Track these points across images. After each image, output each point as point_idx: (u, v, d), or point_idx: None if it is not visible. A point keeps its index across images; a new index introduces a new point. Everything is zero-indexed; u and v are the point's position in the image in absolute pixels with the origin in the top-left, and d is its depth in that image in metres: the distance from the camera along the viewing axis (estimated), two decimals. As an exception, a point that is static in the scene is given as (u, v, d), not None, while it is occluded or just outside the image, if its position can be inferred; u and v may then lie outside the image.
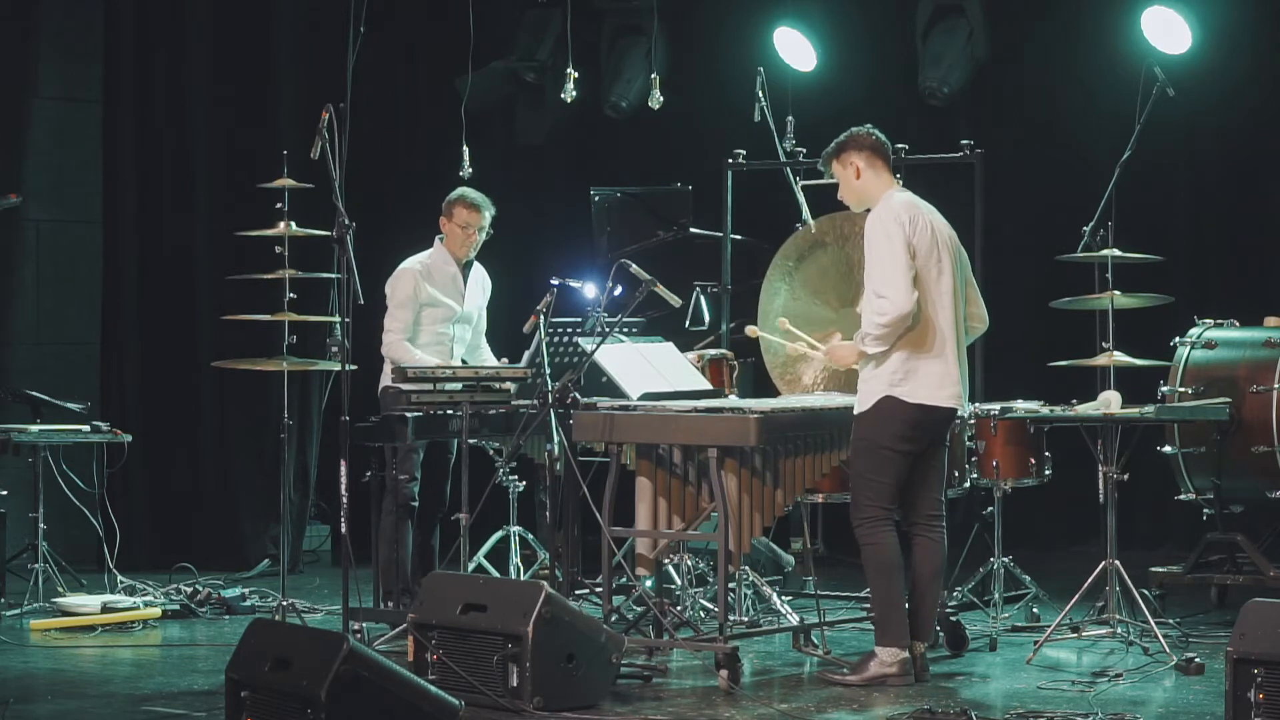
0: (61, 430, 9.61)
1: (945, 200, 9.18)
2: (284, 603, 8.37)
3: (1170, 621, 8.33)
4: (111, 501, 9.86)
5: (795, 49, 10.88)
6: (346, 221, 7.79)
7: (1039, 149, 11.04)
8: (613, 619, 7.63)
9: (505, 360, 9.09)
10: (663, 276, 8.18)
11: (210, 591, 9.47)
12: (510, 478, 9.47)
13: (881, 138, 7.63)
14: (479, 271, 9.01)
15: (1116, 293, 8.36)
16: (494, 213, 8.92)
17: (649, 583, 8.11)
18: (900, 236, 7.33)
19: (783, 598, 8.57)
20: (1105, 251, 8.39)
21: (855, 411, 7.44)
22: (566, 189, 11.75)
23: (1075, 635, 8.11)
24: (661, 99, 9.85)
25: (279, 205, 8.47)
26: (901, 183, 7.86)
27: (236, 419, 11.33)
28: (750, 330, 8.24)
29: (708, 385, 8.44)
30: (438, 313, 8.81)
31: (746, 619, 8.34)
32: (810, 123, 9.54)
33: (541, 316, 8.35)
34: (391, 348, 8.68)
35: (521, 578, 9.40)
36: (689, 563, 8.64)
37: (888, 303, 7.28)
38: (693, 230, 10.60)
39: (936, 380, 7.36)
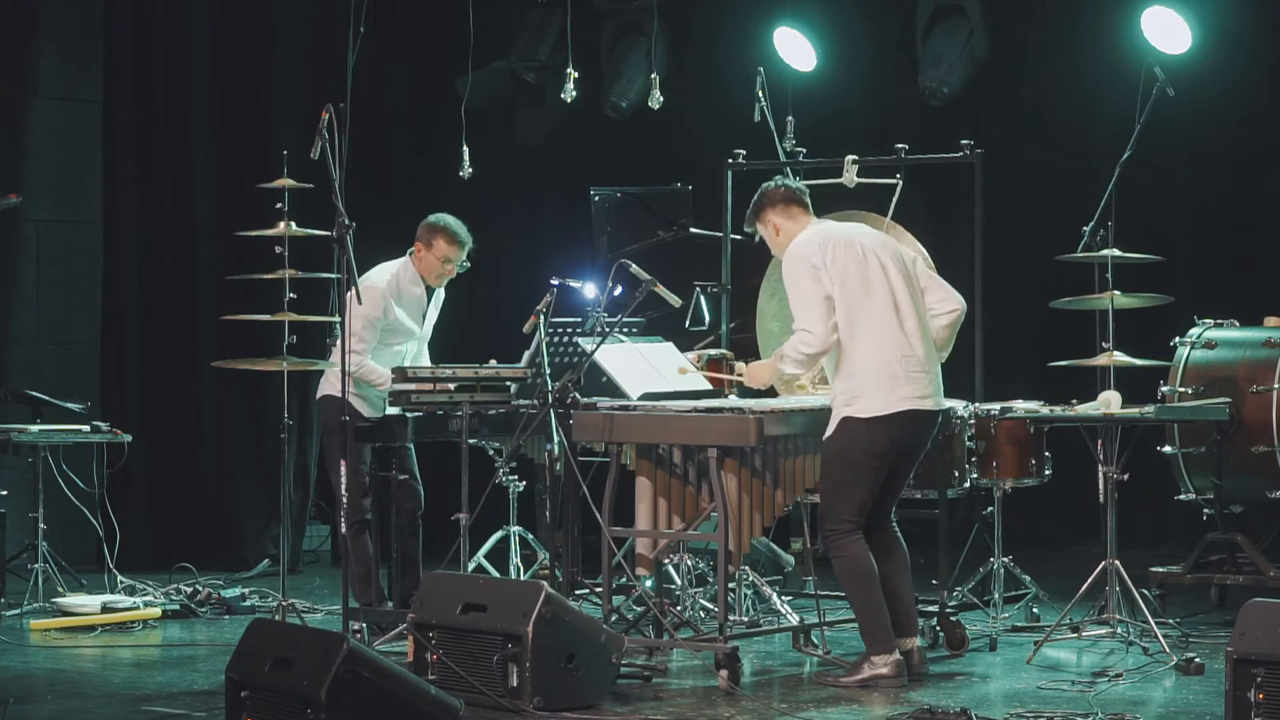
0: (61, 430, 9.61)
1: (945, 200, 9.25)
2: (284, 603, 8.37)
3: (1170, 621, 8.33)
4: (111, 501, 9.86)
5: (795, 49, 10.88)
6: (346, 221, 7.79)
7: (1039, 149, 11.04)
8: (613, 619, 7.63)
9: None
10: (663, 276, 8.18)
11: (210, 591, 9.47)
12: (510, 478, 9.46)
13: (792, 185, 7.73)
14: (438, 290, 8.93)
15: (1116, 293, 8.36)
16: (473, 246, 8.85)
17: (649, 583, 8.11)
18: (808, 273, 7.39)
19: (783, 598, 8.57)
20: (1105, 251, 8.38)
21: (824, 436, 7.47)
22: (566, 189, 11.75)
23: (1075, 635, 8.11)
24: (661, 99, 9.85)
25: (279, 205, 8.46)
26: (901, 186, 7.87)
27: (236, 419, 11.32)
28: (681, 369, 8.20)
29: (708, 385, 8.43)
30: (398, 336, 8.70)
31: (746, 619, 8.34)
32: (810, 123, 9.55)
33: (541, 316, 8.35)
34: (359, 369, 8.42)
35: (521, 578, 9.40)
36: (689, 563, 8.64)
37: (811, 336, 7.38)
38: (693, 230, 10.60)
39: (886, 389, 7.36)
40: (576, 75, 9.81)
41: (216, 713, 6.73)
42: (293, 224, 8.47)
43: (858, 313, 7.37)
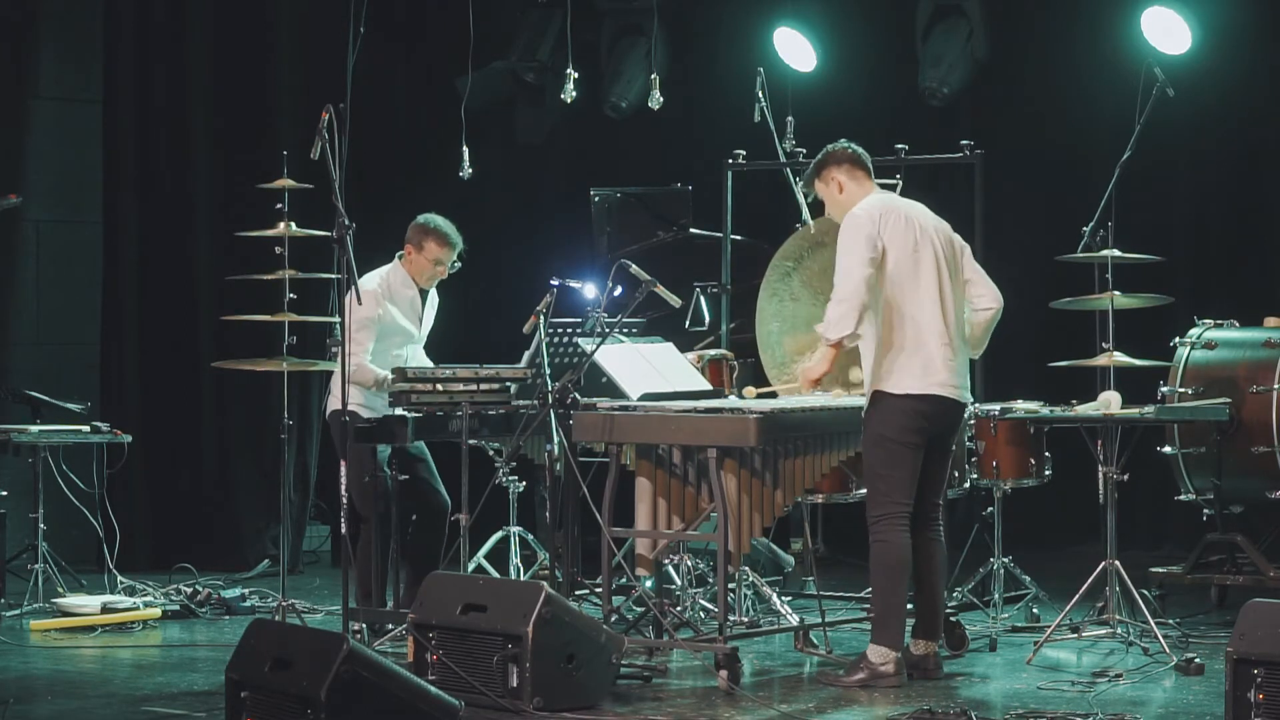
0: (61, 430, 9.61)
1: (945, 200, 9.20)
2: (284, 603, 8.37)
3: (1170, 621, 8.33)
4: (111, 501, 9.85)
5: (795, 49, 10.88)
6: (346, 222, 7.79)
7: (1039, 149, 11.04)
8: (613, 619, 7.63)
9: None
10: (663, 276, 8.18)
11: (210, 592, 9.46)
12: (510, 478, 9.46)
13: (858, 150, 7.66)
14: (431, 293, 8.87)
15: (1116, 293, 8.36)
16: (464, 248, 8.80)
17: (649, 583, 8.11)
18: (862, 237, 7.35)
19: (783, 598, 8.57)
20: (1105, 251, 8.38)
21: (863, 414, 7.49)
22: (566, 189, 11.75)
23: (1075, 635, 8.11)
24: (661, 99, 9.85)
25: (279, 205, 8.46)
26: (901, 186, 7.87)
27: (236, 419, 11.33)
28: (749, 391, 8.16)
29: (708, 385, 8.44)
30: (397, 339, 8.65)
31: (746, 619, 8.34)
32: (810, 123, 9.54)
33: (541, 317, 8.35)
34: (359, 371, 8.28)
35: (521, 578, 9.40)
36: (689, 563, 8.64)
37: (840, 279, 7.33)
38: (693, 230, 10.60)
39: (919, 370, 7.38)
40: (576, 75, 9.81)
41: (216, 713, 6.73)
42: (293, 224, 8.46)
43: (905, 293, 7.38)
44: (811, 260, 8.40)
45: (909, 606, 7.70)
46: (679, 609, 8.22)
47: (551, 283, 8.56)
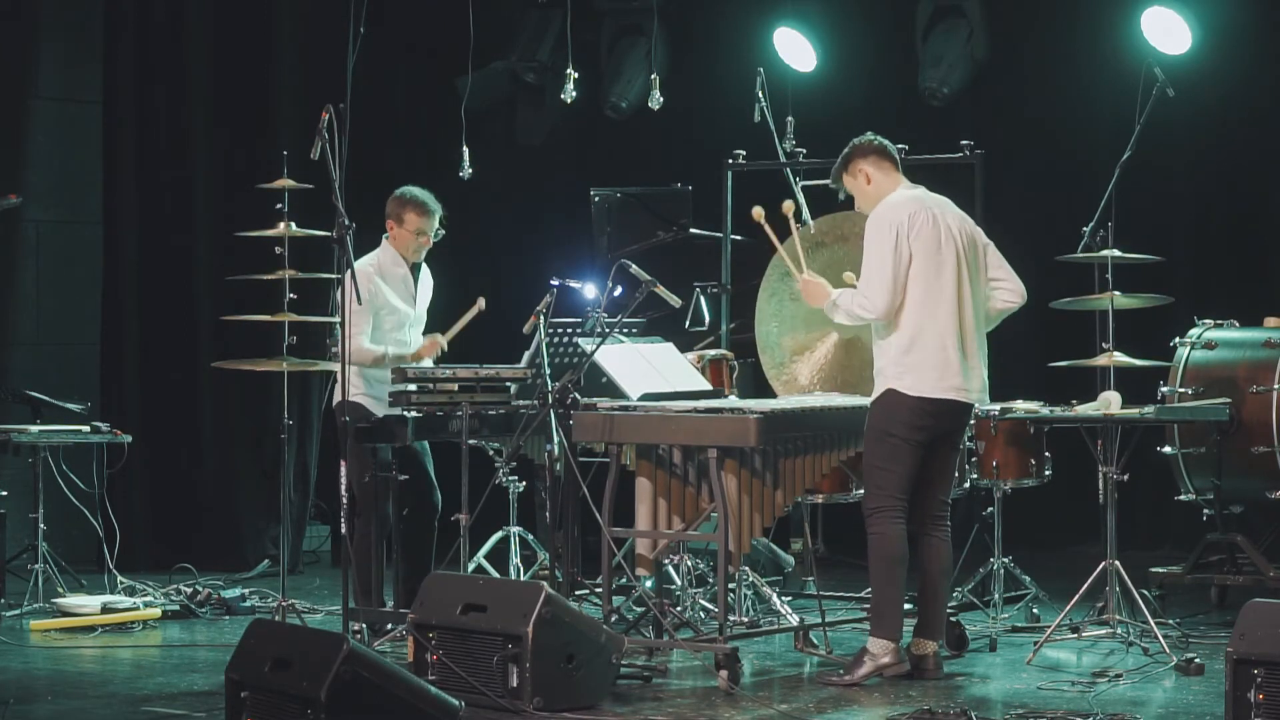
0: (61, 430, 9.61)
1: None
2: (284, 603, 8.37)
3: (1170, 622, 8.33)
4: (111, 501, 9.85)
5: (795, 49, 10.89)
6: (346, 222, 7.79)
7: (1039, 149, 11.05)
8: (613, 619, 7.63)
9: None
10: (663, 276, 8.18)
11: (210, 592, 9.46)
12: (510, 478, 9.46)
13: (884, 141, 7.69)
14: (424, 270, 8.86)
15: (1116, 293, 8.36)
16: (443, 213, 8.83)
17: (649, 583, 8.11)
18: (891, 239, 7.40)
19: (783, 598, 8.57)
20: (1105, 252, 8.38)
21: (870, 401, 7.53)
22: (566, 189, 11.75)
23: (1075, 636, 8.11)
24: (661, 99, 9.85)
25: (279, 205, 8.46)
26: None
27: (236, 419, 11.32)
28: (756, 212, 8.10)
29: (708, 385, 8.44)
30: (394, 318, 8.64)
31: (746, 619, 8.34)
32: (810, 123, 9.54)
33: (541, 317, 8.35)
34: (357, 352, 8.26)
35: (521, 578, 9.40)
36: (689, 563, 8.64)
37: (869, 303, 7.42)
38: (693, 230, 10.60)
39: (936, 373, 7.41)
40: (576, 75, 9.81)
41: (216, 713, 6.73)
42: (293, 224, 8.46)
43: (926, 295, 7.42)
44: (812, 260, 8.39)
45: (911, 606, 7.71)
46: (679, 609, 8.22)
47: (551, 283, 8.56)
